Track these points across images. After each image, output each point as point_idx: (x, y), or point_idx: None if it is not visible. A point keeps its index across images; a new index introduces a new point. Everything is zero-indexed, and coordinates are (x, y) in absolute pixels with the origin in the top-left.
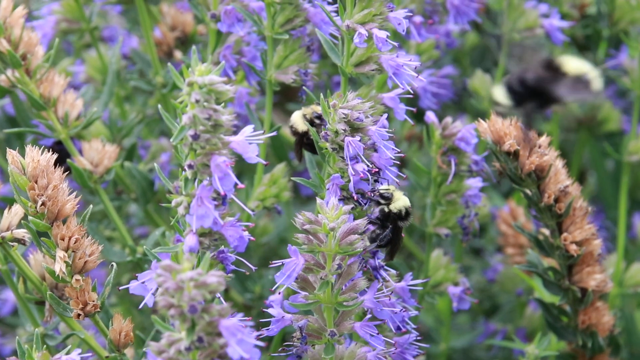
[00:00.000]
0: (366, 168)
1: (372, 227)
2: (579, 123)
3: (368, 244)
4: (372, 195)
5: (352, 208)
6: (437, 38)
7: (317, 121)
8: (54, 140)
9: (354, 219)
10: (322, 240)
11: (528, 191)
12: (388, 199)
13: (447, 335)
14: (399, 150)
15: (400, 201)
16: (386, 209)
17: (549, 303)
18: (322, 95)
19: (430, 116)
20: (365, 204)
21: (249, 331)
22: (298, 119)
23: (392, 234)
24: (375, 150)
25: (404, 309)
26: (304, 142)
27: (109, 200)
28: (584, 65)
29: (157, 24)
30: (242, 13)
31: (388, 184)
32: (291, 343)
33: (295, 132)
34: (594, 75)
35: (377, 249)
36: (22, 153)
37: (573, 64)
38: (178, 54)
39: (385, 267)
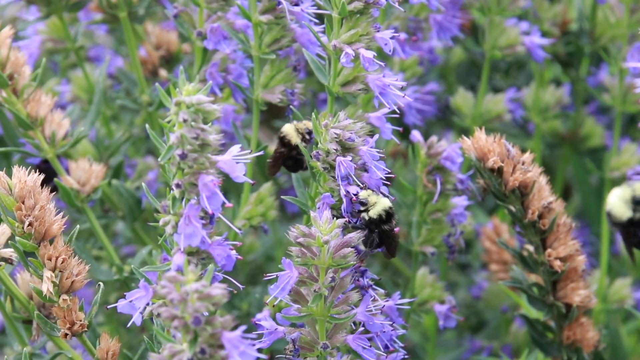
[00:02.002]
0: (358, 190)
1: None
2: (562, 139)
3: (363, 248)
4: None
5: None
6: (420, 55)
7: (307, 137)
8: (41, 159)
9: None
10: (315, 253)
11: (512, 207)
12: (365, 206)
13: (433, 352)
14: (389, 171)
15: (378, 205)
16: (366, 216)
17: (533, 319)
18: (313, 115)
19: (416, 135)
20: (356, 222)
21: (251, 343)
22: (292, 132)
23: (382, 236)
24: (366, 171)
25: (392, 328)
26: (292, 155)
27: (96, 218)
28: None
29: (142, 43)
30: (228, 32)
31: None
32: (283, 356)
33: (286, 144)
34: None
35: (370, 250)
36: (9, 173)
37: None
38: (163, 73)
39: (374, 287)
